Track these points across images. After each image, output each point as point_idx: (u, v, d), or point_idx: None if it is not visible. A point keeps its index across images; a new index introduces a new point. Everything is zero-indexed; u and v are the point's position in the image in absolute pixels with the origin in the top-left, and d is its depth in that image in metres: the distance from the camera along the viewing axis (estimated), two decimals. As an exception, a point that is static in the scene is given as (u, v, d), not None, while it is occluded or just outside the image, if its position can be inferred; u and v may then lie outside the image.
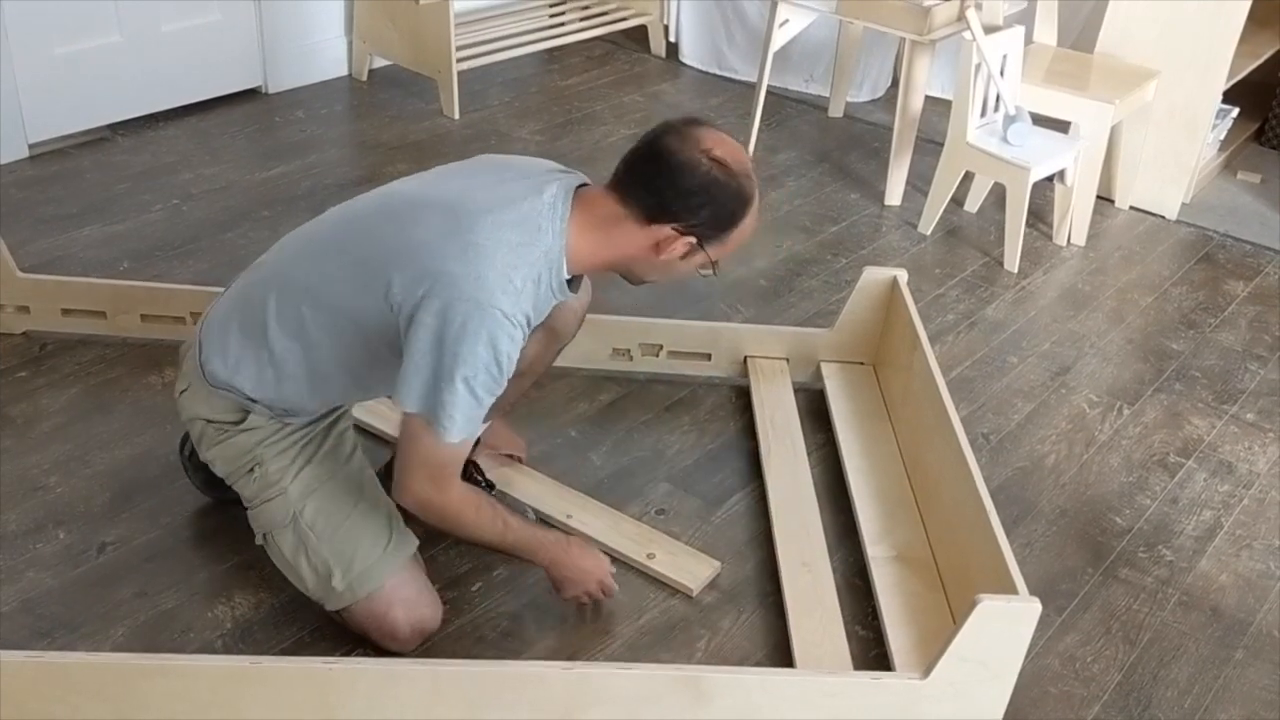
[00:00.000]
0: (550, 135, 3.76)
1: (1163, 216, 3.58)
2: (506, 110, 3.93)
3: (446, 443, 1.69)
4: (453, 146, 3.63)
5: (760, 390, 2.52)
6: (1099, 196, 3.41)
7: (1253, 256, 3.41)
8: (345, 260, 1.75)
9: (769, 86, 3.78)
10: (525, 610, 2.00)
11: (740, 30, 4.27)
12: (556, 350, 2.19)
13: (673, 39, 4.48)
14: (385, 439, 2.30)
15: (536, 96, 4.07)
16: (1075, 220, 3.37)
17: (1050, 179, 3.38)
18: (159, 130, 3.58)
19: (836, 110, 4.11)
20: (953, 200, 3.37)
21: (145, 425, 2.33)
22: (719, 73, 4.36)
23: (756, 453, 2.37)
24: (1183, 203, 3.58)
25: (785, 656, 1.92)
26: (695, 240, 1.74)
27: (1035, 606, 1.68)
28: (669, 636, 1.98)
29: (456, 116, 3.81)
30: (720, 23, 4.31)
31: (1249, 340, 2.99)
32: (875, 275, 2.52)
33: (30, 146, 3.33)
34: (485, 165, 1.88)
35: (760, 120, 3.75)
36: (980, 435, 2.53)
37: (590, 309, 2.73)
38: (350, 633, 1.88)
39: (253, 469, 1.85)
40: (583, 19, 4.36)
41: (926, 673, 1.69)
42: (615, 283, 2.93)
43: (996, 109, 3.25)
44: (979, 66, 3.11)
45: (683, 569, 2.08)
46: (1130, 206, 3.62)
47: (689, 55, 4.43)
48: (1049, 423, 2.60)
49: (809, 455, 2.37)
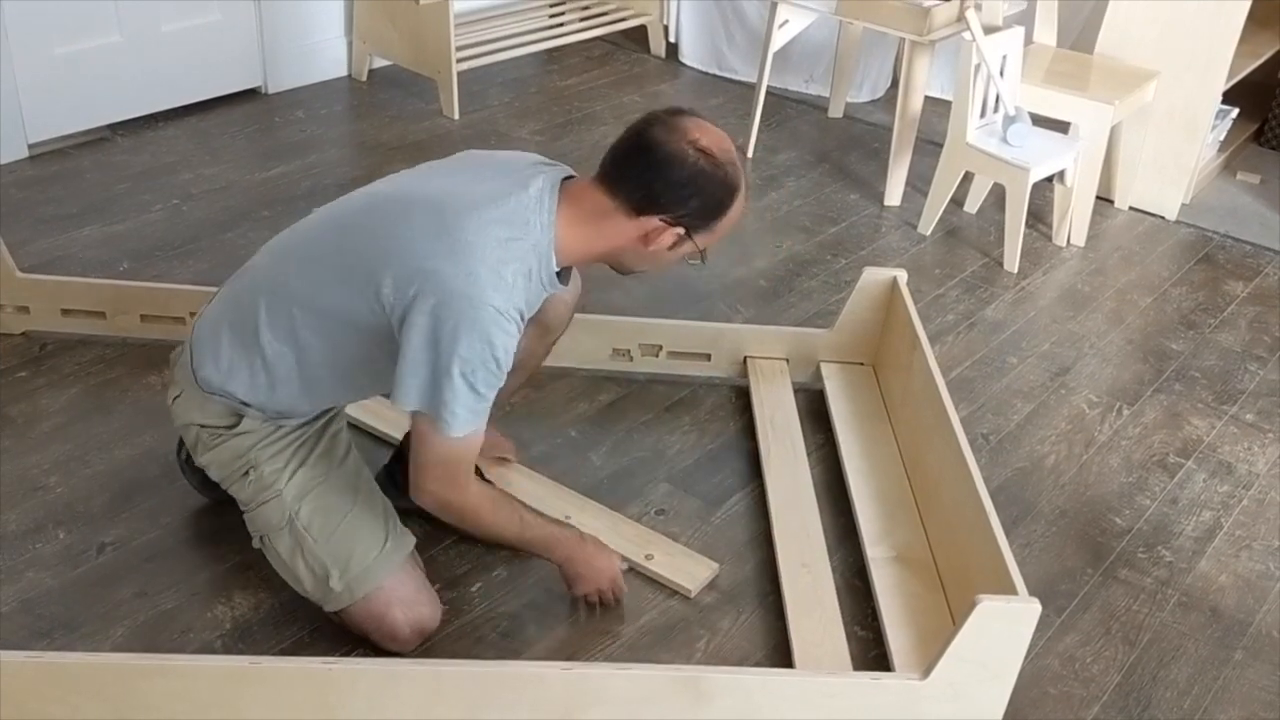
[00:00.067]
0: (550, 135, 3.76)
1: (1162, 217, 3.58)
2: (506, 110, 3.93)
3: (452, 437, 1.69)
4: (452, 147, 3.59)
5: (760, 391, 2.52)
6: (1099, 197, 3.41)
7: (1252, 257, 3.41)
8: (334, 263, 1.75)
9: (769, 87, 3.78)
10: (525, 610, 2.00)
11: (740, 30, 4.27)
12: (549, 343, 2.18)
13: (672, 39, 4.48)
14: (383, 438, 2.30)
15: (536, 97, 4.07)
16: (1075, 221, 3.37)
17: (1050, 179, 3.38)
18: (159, 130, 3.58)
19: (836, 111, 4.11)
20: (952, 201, 3.37)
21: (145, 425, 2.33)
22: (719, 73, 4.36)
23: (756, 453, 2.37)
24: (1182, 203, 3.58)
25: (785, 657, 1.92)
26: (684, 231, 1.75)
27: (1035, 607, 1.68)
28: (669, 637, 1.98)
29: (456, 117, 3.82)
30: (720, 23, 4.31)
31: (1248, 341, 2.99)
32: (875, 276, 2.52)
33: (30, 146, 3.33)
34: (470, 161, 1.88)
35: (760, 121, 3.75)
36: (980, 436, 2.53)
37: (591, 309, 2.74)
38: (350, 633, 1.88)
39: (247, 472, 1.84)
40: (582, 19, 4.36)
41: (926, 673, 1.69)
42: (616, 283, 2.93)
43: (996, 109, 3.25)
44: (979, 67, 3.11)
45: (681, 570, 2.08)
46: (1130, 207, 3.63)
47: (689, 56, 4.43)
48: (1049, 423, 2.60)
49: (809, 456, 2.37)
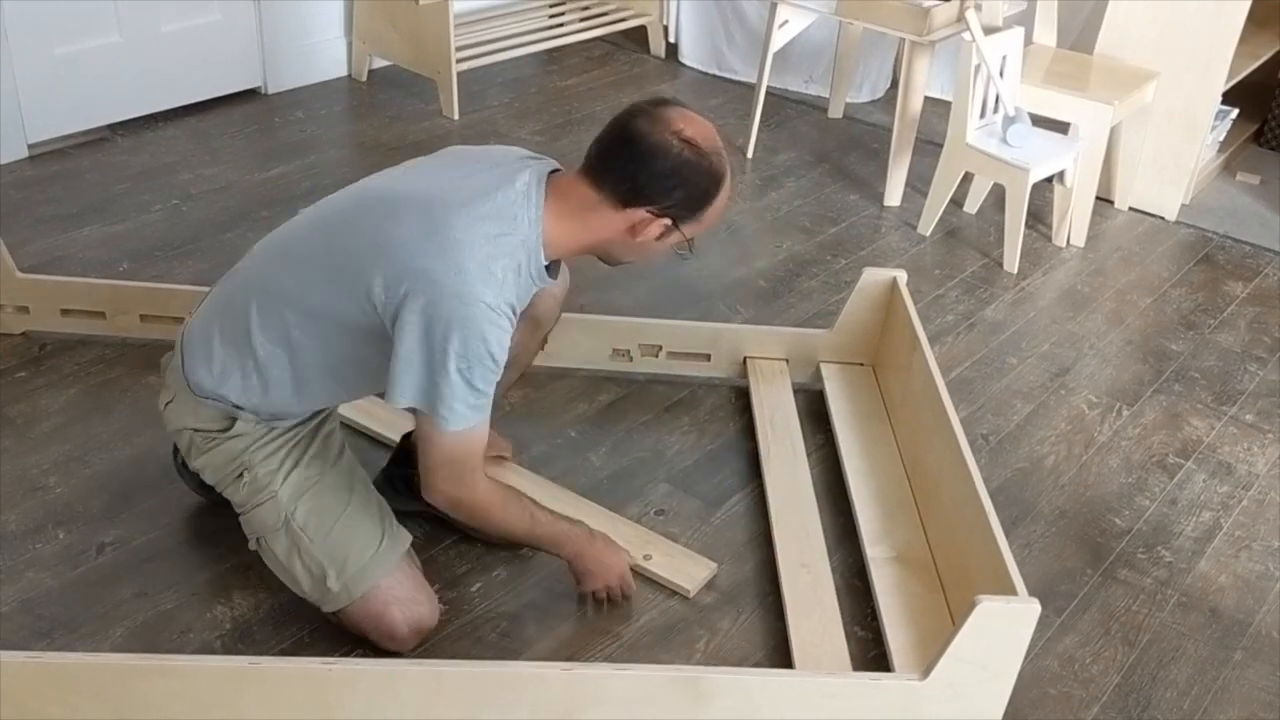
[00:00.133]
0: (550, 136, 3.76)
1: (1162, 218, 3.58)
2: (506, 111, 3.93)
3: (453, 433, 1.69)
4: (452, 147, 3.63)
5: (760, 391, 2.52)
6: (1098, 197, 3.41)
7: (1252, 258, 3.41)
8: (324, 263, 1.75)
9: (769, 87, 3.78)
10: (524, 611, 2.00)
11: (740, 31, 4.27)
12: (541, 338, 2.18)
13: (672, 40, 4.48)
14: (378, 439, 2.30)
15: (536, 97, 4.07)
16: (1075, 221, 3.37)
17: (1050, 180, 3.38)
18: (158, 130, 3.58)
19: (836, 111, 4.11)
20: (952, 201, 3.37)
21: (145, 426, 2.32)
22: (718, 73, 4.36)
23: (756, 453, 2.37)
24: (1182, 204, 3.58)
25: (784, 657, 1.92)
26: (670, 221, 1.75)
27: (1034, 607, 1.68)
28: (668, 637, 1.98)
29: (456, 117, 3.81)
30: (720, 23, 4.31)
31: (1248, 341, 2.99)
32: (875, 276, 2.52)
33: (30, 146, 3.33)
34: (456, 158, 1.88)
35: (760, 121, 3.75)
36: (979, 436, 2.53)
37: (590, 310, 2.75)
38: (349, 633, 1.88)
39: (242, 474, 1.84)
40: (582, 19, 4.36)
41: (925, 674, 1.69)
42: (616, 284, 2.93)
43: (996, 110, 3.25)
44: (978, 67, 3.11)
45: (680, 570, 2.08)
46: (1129, 207, 3.63)
47: (688, 56, 4.43)
48: (1048, 424, 2.60)
49: (808, 456, 2.36)
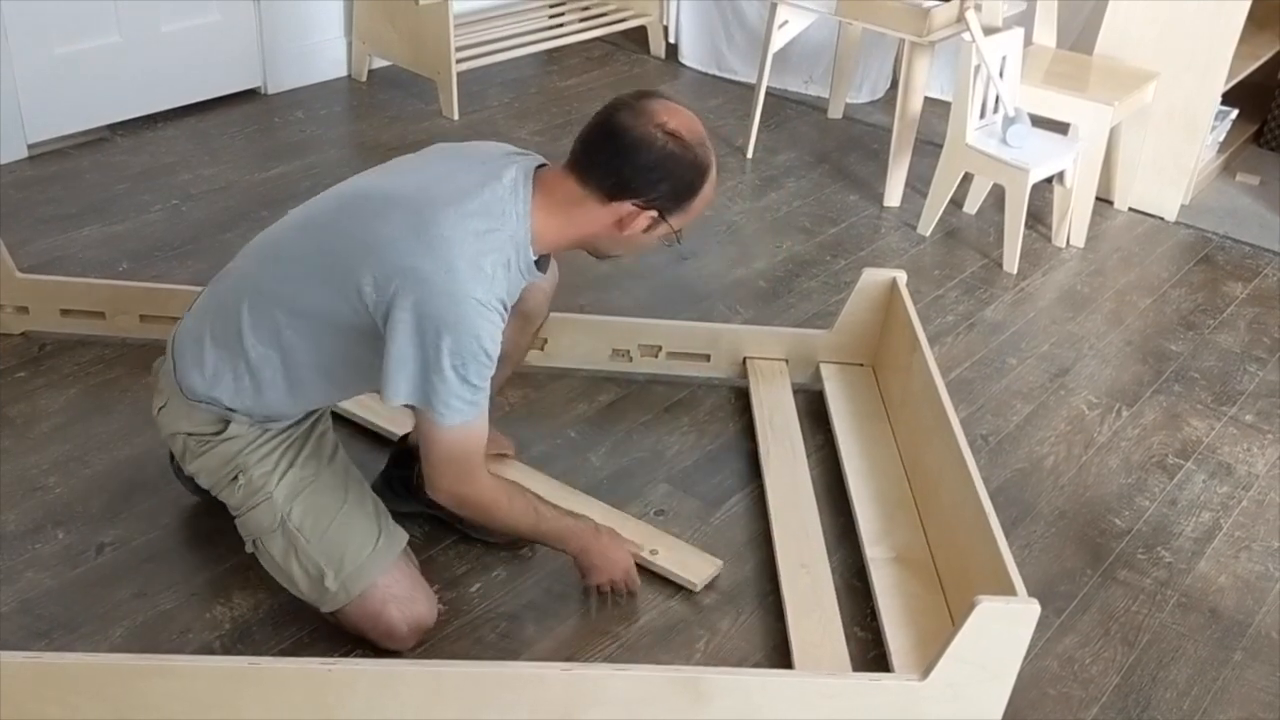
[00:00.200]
0: (549, 136, 3.76)
1: (1162, 218, 3.58)
2: (506, 111, 3.93)
3: (452, 428, 1.70)
4: (452, 147, 3.63)
5: (759, 391, 2.52)
6: (1098, 198, 3.41)
7: (1251, 258, 3.41)
8: (314, 263, 1.75)
9: (768, 88, 3.78)
10: (524, 611, 2.00)
11: (740, 31, 4.27)
12: (532, 333, 2.19)
13: (672, 40, 4.48)
14: (379, 432, 2.30)
15: (536, 97, 4.07)
16: (1074, 222, 3.37)
17: (1049, 180, 3.38)
18: (158, 131, 3.58)
19: (836, 111, 4.11)
20: (952, 202, 3.37)
21: (144, 426, 2.32)
22: (718, 74, 4.36)
23: (755, 454, 2.37)
24: (1182, 204, 3.58)
25: (784, 657, 1.92)
26: (657, 213, 1.75)
27: (1034, 608, 1.68)
28: (668, 637, 1.98)
29: (456, 117, 3.81)
30: (720, 24, 4.31)
31: (1248, 342, 2.99)
32: (874, 276, 2.52)
33: (29, 147, 3.33)
34: (441, 155, 1.88)
35: (760, 121, 3.75)
36: (979, 436, 2.53)
37: (590, 310, 2.75)
38: (349, 633, 1.88)
39: (236, 477, 1.84)
40: (582, 20, 4.36)
41: (925, 674, 1.69)
42: (616, 284, 2.93)
43: (996, 110, 3.25)
44: (978, 68, 3.11)
45: (686, 566, 2.08)
46: (1129, 208, 3.63)
47: (688, 56, 4.43)
48: (1048, 424, 2.60)
49: (808, 456, 2.36)
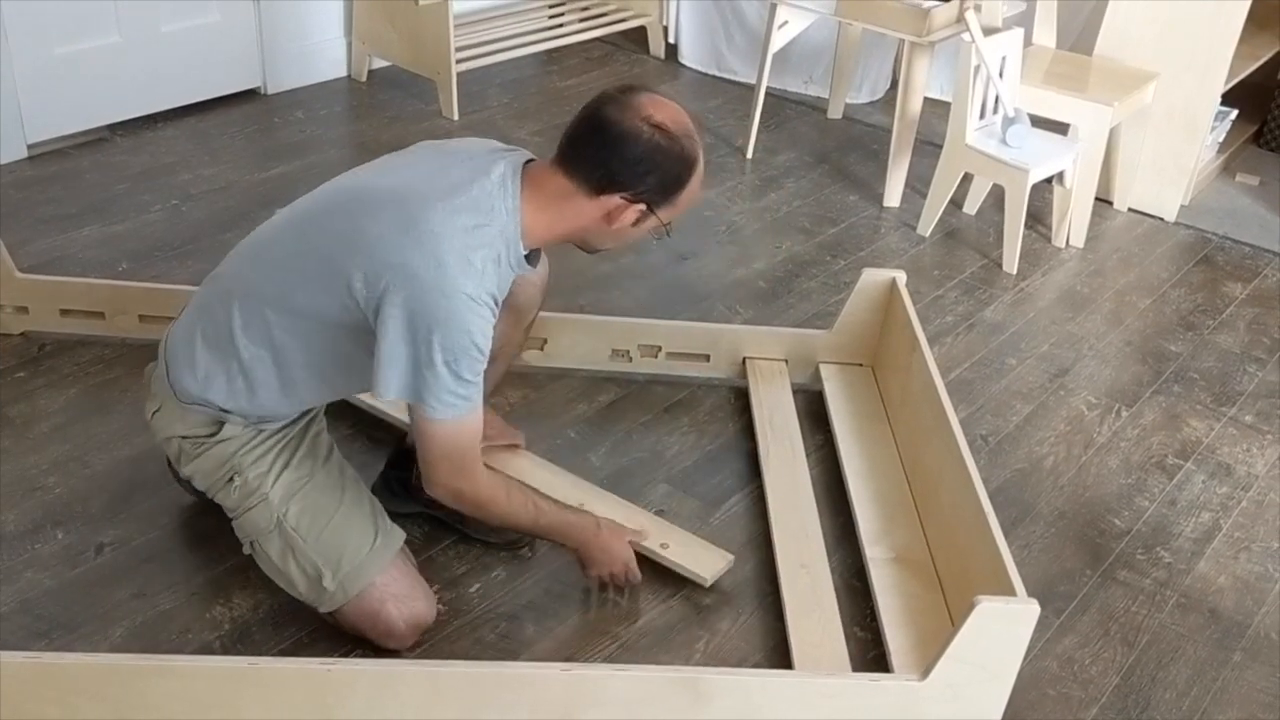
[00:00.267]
0: (549, 136, 3.75)
1: (1161, 218, 3.58)
2: (505, 111, 3.93)
3: (443, 422, 1.70)
4: (452, 147, 3.63)
5: (759, 391, 2.52)
6: (1098, 198, 3.41)
7: (1251, 259, 3.41)
8: (303, 262, 1.75)
9: (768, 88, 3.78)
10: (523, 611, 2.00)
11: (739, 31, 4.27)
12: (525, 328, 2.19)
13: (672, 40, 4.48)
14: (375, 443, 2.30)
15: (535, 97, 4.07)
16: (1074, 222, 3.37)
17: (1049, 181, 3.38)
18: (158, 131, 3.58)
19: (836, 112, 4.11)
20: (951, 202, 3.37)
21: (144, 426, 2.29)
22: (718, 74, 4.36)
23: (755, 454, 2.37)
24: (1181, 205, 3.58)
25: (784, 658, 1.92)
26: (645, 206, 1.76)
27: (1033, 608, 1.68)
28: (667, 637, 1.98)
29: (455, 118, 3.81)
30: (719, 24, 4.31)
31: (1247, 342, 2.99)
32: (874, 277, 2.52)
33: (29, 147, 3.33)
34: (429, 152, 1.88)
35: (759, 122, 3.75)
36: (979, 437, 2.53)
37: (590, 310, 2.75)
38: (348, 634, 1.88)
39: (232, 478, 1.84)
40: (582, 20, 4.36)
41: (925, 674, 1.69)
42: (615, 284, 2.93)
43: (995, 111, 3.25)
44: (978, 68, 3.11)
45: (697, 559, 2.06)
46: (1129, 208, 3.63)
47: (688, 56, 4.43)
48: (1047, 424, 2.60)
49: (808, 456, 2.36)
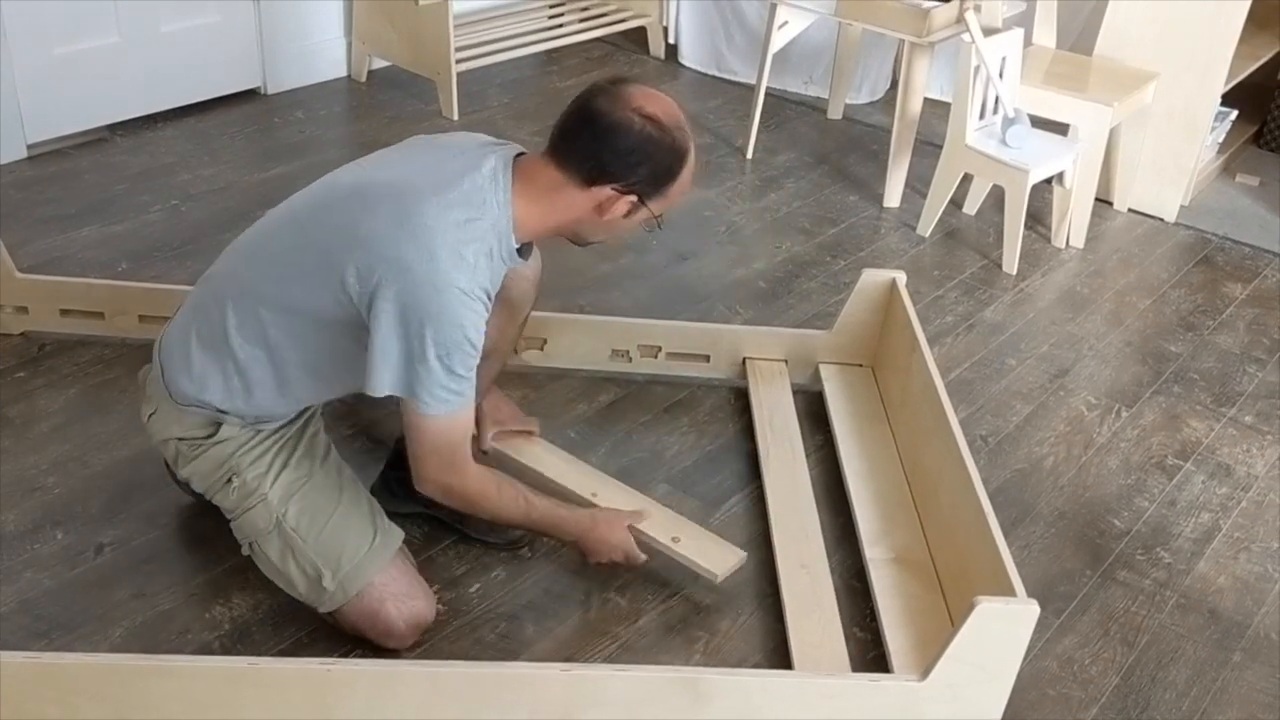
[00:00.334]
0: (549, 136, 3.75)
1: (1161, 219, 3.58)
2: (505, 111, 3.93)
3: (437, 418, 1.70)
4: (452, 148, 3.62)
5: (759, 392, 2.52)
6: (1097, 199, 3.41)
7: (1251, 259, 3.41)
8: (296, 259, 1.75)
9: (768, 88, 3.78)
10: (523, 611, 2.00)
11: (739, 32, 4.27)
12: (520, 323, 2.19)
13: (672, 40, 4.48)
14: (373, 444, 2.30)
15: (535, 98, 4.07)
16: (1074, 222, 3.37)
17: (1049, 181, 3.37)
18: (157, 131, 3.58)
19: (835, 112, 4.11)
20: (951, 202, 3.37)
21: (143, 426, 2.32)
22: (718, 74, 4.36)
23: (755, 454, 2.37)
24: (1181, 205, 3.58)
25: (783, 658, 1.92)
26: (636, 198, 1.76)
27: (1033, 609, 1.68)
28: (667, 638, 1.98)
29: (455, 118, 3.81)
30: (719, 24, 4.31)
31: (1247, 343, 2.99)
32: (874, 277, 2.52)
33: (29, 147, 3.32)
34: (421, 147, 1.88)
35: (759, 122, 3.75)
36: (979, 437, 2.53)
37: (590, 310, 2.75)
38: (348, 634, 1.87)
39: (230, 479, 1.84)
40: (582, 20, 4.36)
41: (925, 675, 1.69)
42: (615, 284, 2.93)
43: (995, 111, 3.24)
44: (978, 69, 3.11)
45: (708, 554, 2.03)
46: (1129, 209, 3.63)
47: (688, 57, 4.43)
48: (1047, 425, 2.60)
49: (807, 457, 2.36)
